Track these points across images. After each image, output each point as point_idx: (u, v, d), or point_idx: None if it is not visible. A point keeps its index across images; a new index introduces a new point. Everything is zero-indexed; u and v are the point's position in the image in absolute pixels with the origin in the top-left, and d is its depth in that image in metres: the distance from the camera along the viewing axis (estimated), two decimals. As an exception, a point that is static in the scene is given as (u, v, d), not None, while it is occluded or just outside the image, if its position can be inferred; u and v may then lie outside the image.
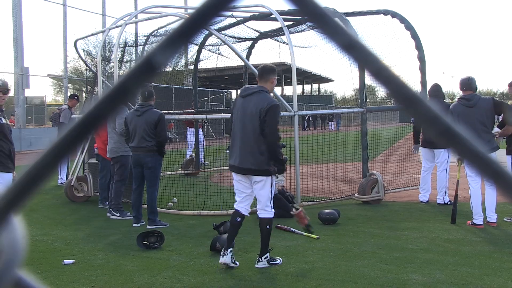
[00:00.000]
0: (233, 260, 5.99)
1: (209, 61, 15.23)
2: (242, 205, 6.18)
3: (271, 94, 6.23)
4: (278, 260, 6.14)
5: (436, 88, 9.72)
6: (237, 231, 6.13)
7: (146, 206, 8.41)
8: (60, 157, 0.54)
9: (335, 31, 0.53)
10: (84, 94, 26.93)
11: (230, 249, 5.95)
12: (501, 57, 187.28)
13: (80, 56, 15.44)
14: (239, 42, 13.90)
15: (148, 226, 8.16)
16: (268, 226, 6.00)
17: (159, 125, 8.12)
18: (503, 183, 0.50)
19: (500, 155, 7.99)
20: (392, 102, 15.00)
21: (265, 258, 6.03)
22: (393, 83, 0.53)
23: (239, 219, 6.10)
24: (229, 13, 10.77)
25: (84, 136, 0.54)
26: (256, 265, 6.02)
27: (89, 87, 14.28)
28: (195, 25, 0.52)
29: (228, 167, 6.26)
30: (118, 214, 9.09)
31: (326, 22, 0.52)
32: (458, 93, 8.93)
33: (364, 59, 0.53)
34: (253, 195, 6.14)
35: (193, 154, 14.86)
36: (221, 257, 5.98)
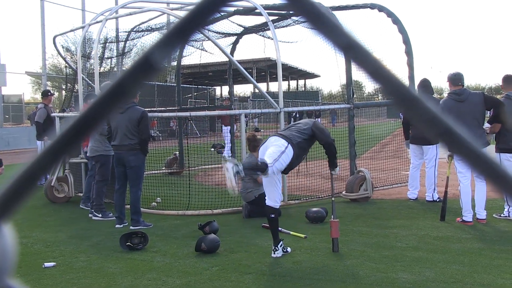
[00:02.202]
0: (285, 250, 6.44)
1: (193, 57, 15.25)
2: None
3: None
4: (289, 249, 6.53)
5: (425, 83, 9.76)
6: (277, 224, 6.50)
7: (129, 206, 8.37)
8: (56, 159, 0.53)
9: (333, 31, 0.53)
10: (63, 92, 26.70)
11: (281, 243, 6.38)
12: (489, 51, 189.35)
13: (59, 53, 15.28)
14: (223, 37, 13.88)
15: (131, 227, 8.12)
16: (272, 215, 6.35)
17: (142, 122, 8.09)
18: (504, 183, 0.50)
19: (489, 152, 8.05)
20: (380, 97, 15.06)
21: (280, 246, 6.37)
22: (392, 83, 0.53)
23: (273, 215, 6.41)
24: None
25: (81, 136, 0.53)
26: (272, 255, 6.32)
27: (69, 84, 14.17)
28: (193, 23, 0.51)
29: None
30: (100, 215, 9.04)
31: (323, 22, 0.52)
32: (446, 88, 8.96)
33: (363, 59, 0.54)
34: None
35: (177, 152, 14.81)
36: (272, 253, 6.34)
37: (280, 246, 6.36)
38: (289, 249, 6.51)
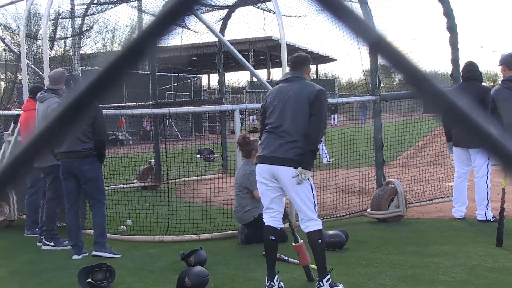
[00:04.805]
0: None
1: (171, 36, 15.22)
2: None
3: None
4: (340, 286, 6.46)
5: (471, 68, 9.73)
6: (275, 253, 6.63)
7: (88, 230, 8.35)
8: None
9: (362, 27, 0.57)
10: (2, 82, 26.67)
11: (276, 278, 6.43)
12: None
13: (-5, 32, 15.30)
14: (210, 11, 13.87)
15: (94, 253, 8.15)
16: (320, 241, 6.43)
17: (98, 119, 8.11)
18: None
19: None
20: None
21: (326, 282, 6.33)
22: (414, 75, 0.55)
23: (273, 238, 6.55)
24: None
25: (65, 130, 0.54)
26: None
27: (9, 73, 14.18)
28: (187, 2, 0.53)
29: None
30: (52, 243, 9.00)
31: (351, 19, 0.56)
32: (501, 73, 8.96)
33: (387, 52, 0.58)
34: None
35: (152, 160, 14.81)
36: None
37: (327, 282, 6.32)
38: (341, 286, 6.48)
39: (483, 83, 10.13)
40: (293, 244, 6.85)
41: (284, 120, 6.37)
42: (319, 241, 6.41)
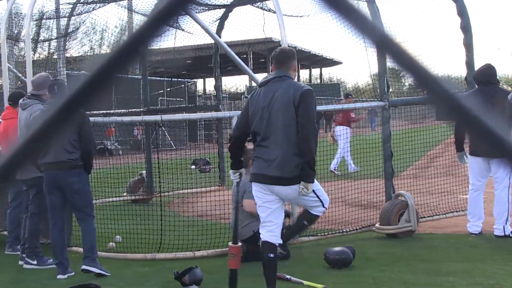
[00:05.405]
0: None
1: (164, 38, 15.23)
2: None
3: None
4: None
5: (488, 71, 9.73)
6: (275, 272, 6.70)
7: (74, 247, 8.35)
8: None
9: (369, 27, 0.58)
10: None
11: None
12: None
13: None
14: (206, 10, 13.90)
15: (84, 267, 8.13)
16: (306, 222, 6.84)
17: (84, 127, 8.12)
18: None
19: None
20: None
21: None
22: (424, 77, 0.56)
23: (272, 255, 6.58)
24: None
25: (50, 139, 0.55)
26: None
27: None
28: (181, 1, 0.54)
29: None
30: (35, 262, 8.99)
31: (356, 18, 0.58)
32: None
33: (395, 53, 0.59)
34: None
35: (144, 172, 14.81)
36: None
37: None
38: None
39: (501, 86, 10.11)
40: (230, 243, 7.08)
41: (272, 132, 6.35)
42: (305, 222, 6.87)
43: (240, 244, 6.91)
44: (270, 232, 6.55)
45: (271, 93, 6.46)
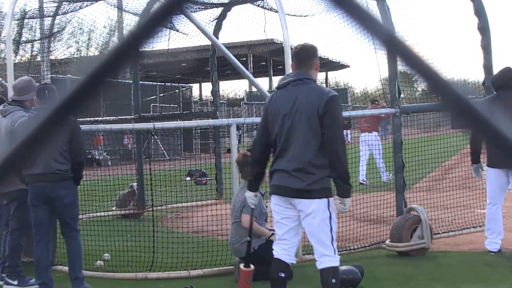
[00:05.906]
0: None
1: (157, 40, 15.24)
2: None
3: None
4: None
5: (508, 75, 9.72)
6: None
7: (59, 266, 8.30)
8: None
9: (378, 27, 0.61)
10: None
11: None
12: None
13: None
14: (202, 9, 13.91)
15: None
16: (334, 280, 6.34)
17: (75, 136, 8.08)
18: None
19: None
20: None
21: None
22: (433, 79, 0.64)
23: (283, 275, 6.49)
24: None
25: (37, 149, 0.58)
26: None
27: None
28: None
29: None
30: (15, 282, 8.95)
31: (364, 17, 0.60)
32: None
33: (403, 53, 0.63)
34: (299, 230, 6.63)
35: (134, 184, 14.80)
36: None
37: None
38: None
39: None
40: (241, 266, 7.16)
41: (293, 142, 6.24)
42: (333, 280, 6.30)
43: (252, 267, 6.89)
44: (285, 250, 6.49)
45: (292, 98, 6.30)
